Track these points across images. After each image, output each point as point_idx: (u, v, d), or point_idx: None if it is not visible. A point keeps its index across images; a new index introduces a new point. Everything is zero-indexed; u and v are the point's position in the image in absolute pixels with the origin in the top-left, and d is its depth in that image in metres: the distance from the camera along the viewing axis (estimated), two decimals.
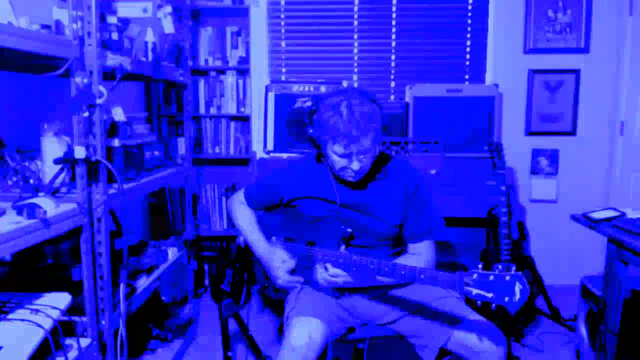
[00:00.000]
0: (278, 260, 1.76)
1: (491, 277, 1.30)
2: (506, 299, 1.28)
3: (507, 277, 1.29)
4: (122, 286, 1.82)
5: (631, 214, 2.05)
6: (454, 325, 1.58)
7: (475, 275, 1.32)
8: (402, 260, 1.67)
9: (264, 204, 1.89)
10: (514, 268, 1.31)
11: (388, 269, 1.49)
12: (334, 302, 1.71)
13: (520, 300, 1.27)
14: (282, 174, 1.81)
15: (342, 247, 1.63)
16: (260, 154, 3.29)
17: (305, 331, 1.52)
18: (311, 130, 1.66)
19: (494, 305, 1.31)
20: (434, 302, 1.67)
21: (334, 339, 1.65)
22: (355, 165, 1.58)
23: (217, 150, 3.43)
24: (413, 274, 1.44)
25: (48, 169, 1.64)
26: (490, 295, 1.29)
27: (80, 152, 1.57)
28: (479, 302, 1.33)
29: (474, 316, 1.60)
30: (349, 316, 1.74)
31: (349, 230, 1.68)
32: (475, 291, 1.31)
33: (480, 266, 1.36)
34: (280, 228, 1.86)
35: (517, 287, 1.27)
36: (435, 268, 1.62)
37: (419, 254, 1.72)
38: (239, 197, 1.94)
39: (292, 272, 1.77)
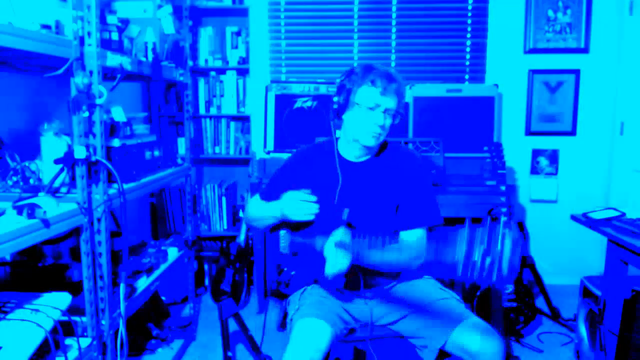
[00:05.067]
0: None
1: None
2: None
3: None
4: (122, 286, 1.82)
5: (631, 214, 2.05)
6: (453, 326, 1.58)
7: None
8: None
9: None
10: None
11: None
12: (337, 303, 1.72)
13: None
14: (289, 167, 1.83)
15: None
16: (260, 154, 3.29)
17: (310, 333, 1.52)
18: (337, 98, 1.67)
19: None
20: (434, 303, 1.67)
21: (337, 341, 1.64)
22: (380, 119, 1.60)
23: (217, 150, 3.43)
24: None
25: (48, 169, 1.64)
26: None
27: (80, 152, 1.57)
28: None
29: (473, 318, 1.60)
30: (350, 317, 1.74)
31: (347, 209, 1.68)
32: None
33: None
34: None
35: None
36: (427, 261, 1.55)
37: (406, 248, 1.65)
38: (255, 198, 1.92)
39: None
